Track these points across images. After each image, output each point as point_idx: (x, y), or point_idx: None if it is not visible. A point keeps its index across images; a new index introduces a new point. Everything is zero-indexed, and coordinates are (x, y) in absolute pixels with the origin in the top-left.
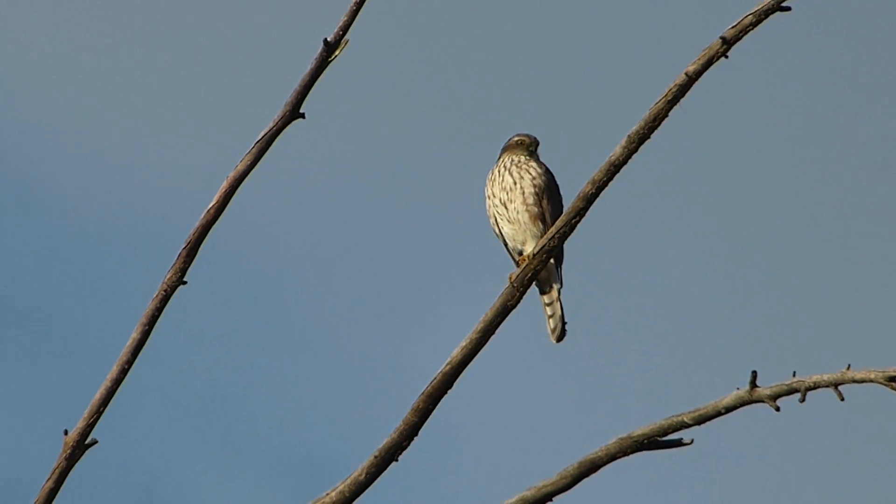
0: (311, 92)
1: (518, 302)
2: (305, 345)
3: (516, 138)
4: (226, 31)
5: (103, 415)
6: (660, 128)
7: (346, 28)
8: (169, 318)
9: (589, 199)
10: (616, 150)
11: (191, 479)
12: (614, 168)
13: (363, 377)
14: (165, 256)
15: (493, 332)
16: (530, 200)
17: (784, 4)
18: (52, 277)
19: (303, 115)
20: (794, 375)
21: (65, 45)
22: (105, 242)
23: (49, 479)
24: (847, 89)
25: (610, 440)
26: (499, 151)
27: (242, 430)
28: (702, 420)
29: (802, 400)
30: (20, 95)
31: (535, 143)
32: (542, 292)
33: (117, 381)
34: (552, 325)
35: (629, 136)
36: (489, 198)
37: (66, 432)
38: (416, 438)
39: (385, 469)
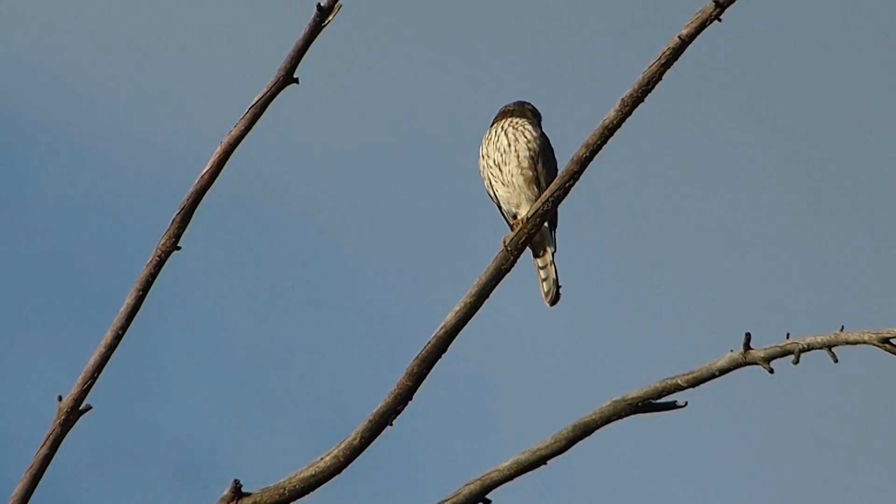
0: (304, 57)
1: (512, 265)
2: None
3: (515, 104)
4: None
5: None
6: (654, 91)
7: None
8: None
9: (583, 163)
10: (610, 113)
11: (231, 442)
12: (608, 131)
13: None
14: (160, 222)
15: (488, 296)
16: (525, 164)
17: None
18: (45, 244)
19: (296, 80)
20: (787, 337)
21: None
22: (97, 210)
23: (43, 445)
24: (839, 51)
25: (604, 403)
26: (495, 115)
27: (280, 391)
28: (696, 382)
29: (796, 362)
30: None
31: (532, 110)
32: (536, 256)
33: (111, 347)
34: (546, 289)
35: (623, 99)
36: (483, 157)
37: (60, 398)
38: (410, 402)
39: (380, 433)
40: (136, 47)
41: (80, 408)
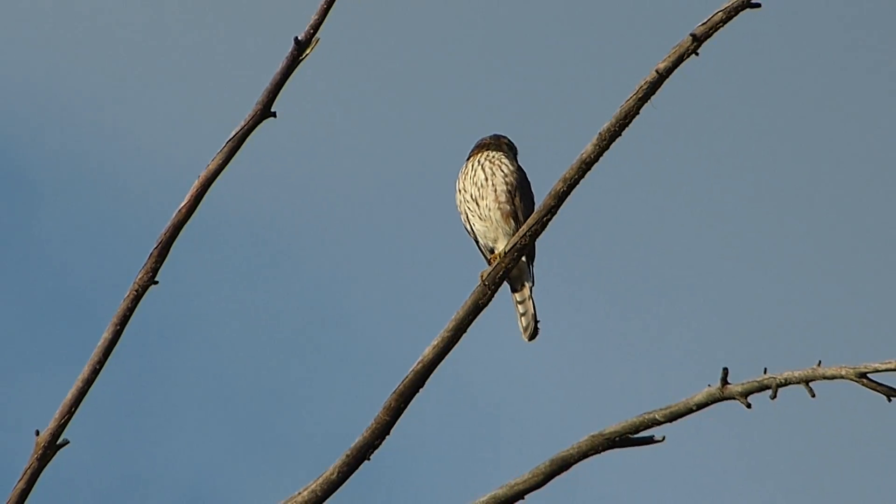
0: (282, 90)
1: (489, 300)
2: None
3: (490, 139)
4: (197, 31)
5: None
6: (630, 125)
7: (316, 27)
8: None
9: (560, 197)
10: (587, 147)
11: (234, 480)
12: (586, 166)
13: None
14: (138, 256)
15: (465, 331)
16: (502, 198)
17: (754, 1)
18: (24, 277)
19: (274, 114)
20: (765, 372)
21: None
22: (77, 241)
23: (21, 479)
24: (817, 86)
25: (582, 437)
26: (471, 147)
27: (280, 427)
28: (673, 417)
29: (774, 396)
30: None
31: (507, 143)
32: (514, 290)
33: (89, 382)
34: (524, 324)
35: (600, 133)
36: (460, 192)
37: (37, 433)
38: (387, 437)
39: (357, 468)
40: (112, 79)
41: (58, 442)
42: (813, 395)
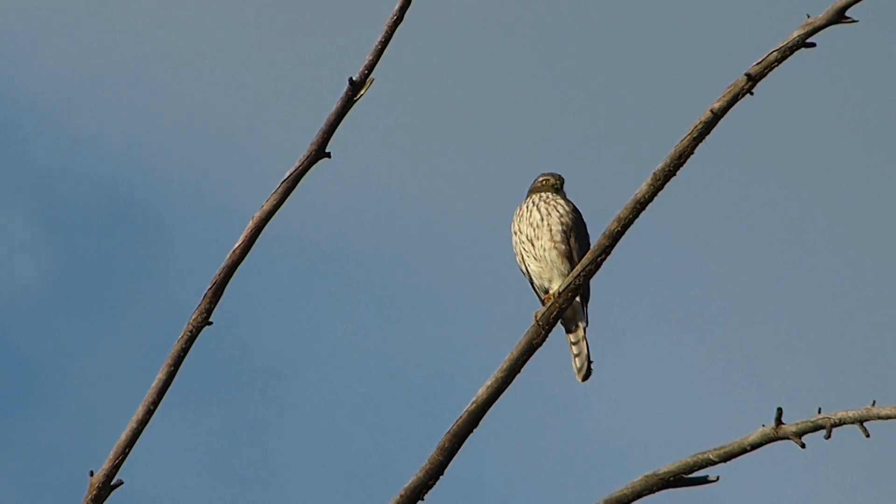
0: (336, 131)
1: (543, 340)
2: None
3: (542, 178)
4: (251, 71)
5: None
6: (685, 165)
7: (371, 67)
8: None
9: (615, 237)
10: (641, 187)
11: None
12: (640, 205)
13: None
14: (193, 298)
15: (519, 371)
16: (558, 238)
17: (809, 41)
18: (75, 316)
19: (328, 155)
20: (819, 412)
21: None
22: (131, 284)
23: None
24: (872, 125)
25: (635, 478)
26: (527, 190)
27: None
28: (728, 457)
29: (828, 437)
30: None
31: (561, 181)
32: (568, 331)
33: (143, 422)
34: (578, 364)
35: (654, 173)
36: (516, 234)
37: (91, 473)
38: (441, 477)
39: None
40: (169, 117)
41: (112, 483)
42: (867, 436)
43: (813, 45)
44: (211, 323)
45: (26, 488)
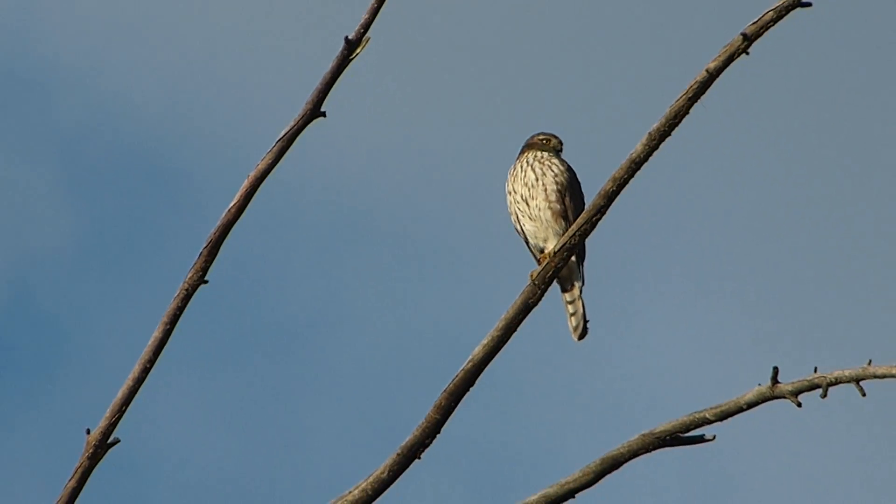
0: (332, 90)
1: (539, 300)
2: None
3: (540, 136)
4: (246, 31)
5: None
6: (680, 125)
7: (367, 26)
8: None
9: (610, 197)
10: (637, 147)
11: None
12: (635, 165)
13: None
14: (188, 255)
15: (515, 330)
16: (553, 197)
17: (805, 0)
18: (101, 276)
19: (324, 114)
20: (815, 371)
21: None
22: (156, 244)
23: (72, 478)
24: (867, 85)
25: (632, 436)
26: (520, 148)
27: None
28: (724, 416)
29: (824, 395)
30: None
31: (560, 143)
32: (564, 290)
33: (139, 381)
34: (574, 324)
35: (650, 133)
36: (510, 194)
37: (88, 431)
38: (438, 435)
39: (408, 467)
40: (163, 79)
41: (109, 441)
42: (863, 394)
43: (809, 4)
44: (206, 281)
45: (51, 447)
